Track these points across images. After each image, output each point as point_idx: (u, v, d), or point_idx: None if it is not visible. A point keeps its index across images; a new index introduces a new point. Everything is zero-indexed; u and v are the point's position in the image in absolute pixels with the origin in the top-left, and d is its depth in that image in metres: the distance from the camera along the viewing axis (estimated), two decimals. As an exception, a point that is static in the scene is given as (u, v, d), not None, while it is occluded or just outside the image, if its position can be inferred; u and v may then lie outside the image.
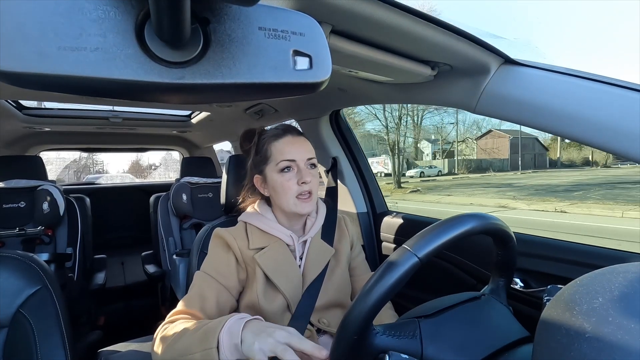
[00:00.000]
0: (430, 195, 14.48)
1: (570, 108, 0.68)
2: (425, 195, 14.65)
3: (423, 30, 0.66)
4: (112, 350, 1.14)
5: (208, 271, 0.81)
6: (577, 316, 0.32)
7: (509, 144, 24.10)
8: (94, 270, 1.98)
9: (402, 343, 0.53)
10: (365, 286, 0.50)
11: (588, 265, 0.82)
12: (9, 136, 2.11)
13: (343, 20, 0.61)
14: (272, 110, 1.63)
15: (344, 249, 0.95)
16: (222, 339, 0.59)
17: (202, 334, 0.62)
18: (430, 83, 0.92)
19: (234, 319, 0.62)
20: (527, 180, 17.60)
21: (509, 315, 0.63)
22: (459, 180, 20.05)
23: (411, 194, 15.26)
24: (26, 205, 1.74)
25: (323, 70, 0.32)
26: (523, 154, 24.34)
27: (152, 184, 3.29)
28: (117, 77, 0.26)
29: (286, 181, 0.82)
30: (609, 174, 17.52)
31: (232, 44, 0.29)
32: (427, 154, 26.67)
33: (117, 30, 0.26)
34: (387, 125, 18.72)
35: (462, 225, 0.53)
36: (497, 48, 0.75)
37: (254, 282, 0.82)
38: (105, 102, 1.65)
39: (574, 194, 11.93)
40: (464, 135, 25.01)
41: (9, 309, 0.75)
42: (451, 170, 23.78)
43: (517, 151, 24.18)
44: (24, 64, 0.25)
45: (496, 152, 24.54)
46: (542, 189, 13.69)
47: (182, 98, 0.31)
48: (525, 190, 13.74)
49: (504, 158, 24.34)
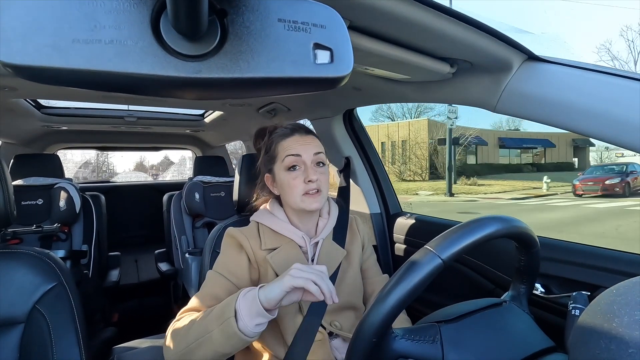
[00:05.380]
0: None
1: (598, 107, 0.65)
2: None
3: (444, 26, 0.64)
4: (126, 347, 1.15)
5: (220, 270, 0.81)
6: (618, 329, 0.30)
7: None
8: (108, 268, 2.00)
9: (422, 348, 0.51)
10: (386, 287, 0.48)
11: (613, 271, 0.78)
12: (28, 135, 2.16)
13: (362, 16, 0.60)
14: (285, 109, 1.63)
15: (356, 250, 0.94)
16: (239, 306, 0.62)
17: (218, 310, 0.65)
18: (449, 81, 0.89)
19: (247, 288, 0.65)
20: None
21: (531, 324, 0.61)
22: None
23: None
24: (44, 202, 1.77)
25: (344, 65, 0.31)
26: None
27: (166, 183, 3.33)
28: (132, 71, 0.25)
29: (292, 179, 0.82)
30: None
31: (251, 37, 0.28)
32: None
33: (132, 22, 0.25)
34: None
35: (486, 228, 0.51)
36: (521, 44, 0.72)
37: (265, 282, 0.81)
38: (120, 100, 1.67)
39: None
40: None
41: (25, 305, 0.76)
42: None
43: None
44: (38, 58, 0.24)
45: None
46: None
47: (199, 93, 0.30)
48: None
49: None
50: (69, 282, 0.81)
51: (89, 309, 1.53)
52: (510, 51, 0.74)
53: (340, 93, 1.29)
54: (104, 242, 1.96)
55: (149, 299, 2.47)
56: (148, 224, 2.90)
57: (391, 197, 1.52)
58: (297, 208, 0.84)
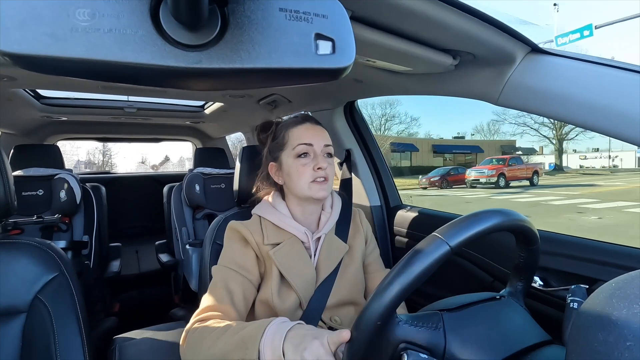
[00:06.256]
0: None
1: (601, 100, 0.64)
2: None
3: (447, 17, 0.63)
4: (127, 337, 1.16)
5: (230, 265, 0.80)
6: (616, 322, 0.30)
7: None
8: (109, 258, 2.01)
9: (425, 334, 0.51)
10: (392, 272, 0.48)
11: (612, 264, 0.78)
12: (27, 125, 2.15)
13: (364, 6, 0.59)
14: (285, 101, 1.62)
15: (359, 245, 0.93)
16: (264, 350, 0.57)
17: (239, 341, 0.61)
18: (451, 73, 0.89)
19: (273, 326, 0.60)
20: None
21: (528, 318, 0.62)
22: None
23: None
24: (44, 193, 1.77)
25: (346, 56, 0.30)
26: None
27: (166, 174, 3.33)
28: (131, 60, 0.25)
29: (302, 166, 0.81)
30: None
31: (252, 26, 0.27)
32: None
33: (131, 11, 0.25)
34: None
35: (491, 219, 0.52)
36: (524, 35, 0.71)
37: (269, 279, 0.81)
38: (120, 91, 1.66)
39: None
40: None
41: (27, 295, 0.76)
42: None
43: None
44: (37, 47, 0.23)
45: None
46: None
47: (199, 83, 0.29)
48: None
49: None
50: (70, 272, 0.81)
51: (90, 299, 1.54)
52: (514, 43, 0.73)
53: (341, 85, 1.28)
54: (104, 233, 1.96)
55: (150, 289, 2.49)
56: (148, 215, 2.91)
57: (391, 190, 1.52)
58: (303, 196, 0.83)
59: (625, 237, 5.98)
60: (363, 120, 1.53)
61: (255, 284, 0.82)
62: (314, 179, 0.81)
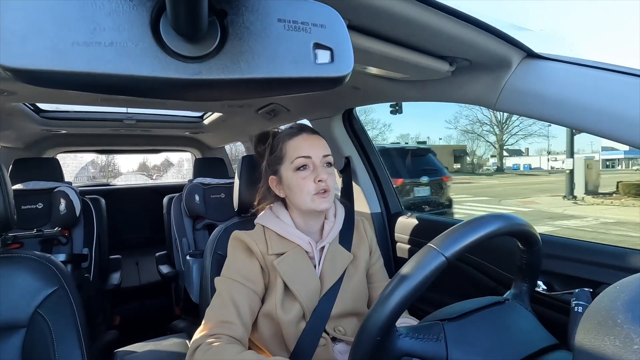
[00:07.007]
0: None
1: (598, 103, 0.65)
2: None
3: (442, 23, 0.64)
4: (128, 350, 1.15)
5: (234, 277, 0.79)
6: (623, 325, 0.29)
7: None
8: (109, 271, 2.00)
9: (426, 346, 0.51)
10: (389, 286, 0.48)
11: (616, 267, 0.78)
12: (27, 139, 2.16)
13: (360, 15, 0.60)
14: (284, 110, 1.62)
15: (363, 254, 0.92)
16: None
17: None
18: (448, 79, 0.89)
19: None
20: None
21: (534, 321, 0.61)
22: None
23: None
24: (44, 206, 1.77)
25: (345, 64, 0.31)
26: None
27: (166, 185, 3.32)
28: (132, 73, 0.25)
29: (302, 179, 0.80)
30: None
31: (251, 37, 0.28)
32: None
33: (131, 24, 0.25)
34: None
35: (488, 226, 0.51)
36: (520, 41, 0.72)
37: (273, 291, 0.80)
38: (119, 103, 1.67)
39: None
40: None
41: (27, 309, 0.76)
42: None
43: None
44: (38, 61, 0.24)
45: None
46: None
47: (199, 94, 0.29)
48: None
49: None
50: (70, 285, 0.81)
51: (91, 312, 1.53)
52: (510, 48, 0.74)
53: (339, 93, 1.29)
54: (104, 245, 1.95)
55: (150, 301, 2.47)
56: (148, 227, 2.90)
57: (392, 197, 1.52)
58: (306, 209, 0.82)
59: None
60: (362, 127, 1.54)
61: (260, 296, 0.81)
62: (316, 191, 0.80)
